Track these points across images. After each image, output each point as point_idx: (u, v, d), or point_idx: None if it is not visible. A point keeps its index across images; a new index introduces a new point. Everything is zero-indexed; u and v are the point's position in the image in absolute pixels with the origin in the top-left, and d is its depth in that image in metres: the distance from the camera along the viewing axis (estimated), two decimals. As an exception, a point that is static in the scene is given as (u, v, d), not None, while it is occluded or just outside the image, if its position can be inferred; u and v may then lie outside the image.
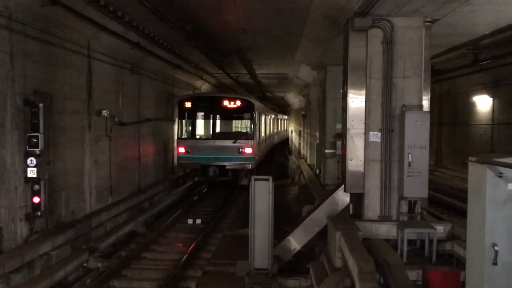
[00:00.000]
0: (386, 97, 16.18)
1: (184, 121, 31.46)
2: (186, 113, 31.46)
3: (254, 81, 45.35)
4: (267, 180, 15.96)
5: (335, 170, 28.63)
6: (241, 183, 31.52)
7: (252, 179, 15.86)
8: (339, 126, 26.96)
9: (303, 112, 50.33)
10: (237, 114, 31.91)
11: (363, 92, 16.40)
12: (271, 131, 48.96)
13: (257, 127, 32.70)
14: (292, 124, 74.59)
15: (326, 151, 29.06)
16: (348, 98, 16.50)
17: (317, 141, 33.94)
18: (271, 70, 39.50)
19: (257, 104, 33.80)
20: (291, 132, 74.51)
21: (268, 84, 50.10)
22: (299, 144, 56.86)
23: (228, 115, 32.01)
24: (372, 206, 16.32)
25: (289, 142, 72.59)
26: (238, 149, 30.63)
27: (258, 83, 47.27)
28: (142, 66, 26.69)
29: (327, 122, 28.94)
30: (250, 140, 30.96)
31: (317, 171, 33.65)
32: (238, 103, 31.46)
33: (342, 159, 17.45)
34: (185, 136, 31.28)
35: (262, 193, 15.95)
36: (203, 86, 41.66)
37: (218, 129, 32.14)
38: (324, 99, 29.64)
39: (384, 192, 16.25)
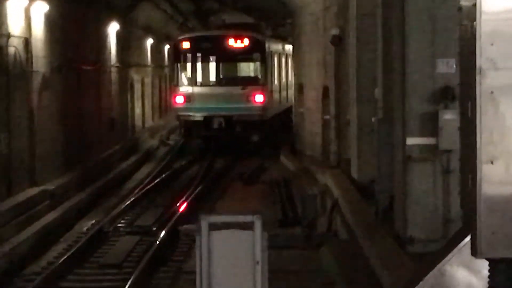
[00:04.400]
0: None
1: (180, 65, 28.78)
2: (182, 56, 28.65)
3: None
4: (248, 227, 6.43)
5: (438, 199, 10.68)
6: (251, 140, 27.88)
7: (203, 223, 6.28)
8: (442, 65, 10.43)
9: (334, 32, 19.53)
10: (244, 55, 29.04)
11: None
12: (283, 82, 34.37)
13: (269, 71, 29.38)
14: (303, 68, 27.86)
15: (409, 141, 10.65)
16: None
17: (377, 116, 13.44)
18: None
19: (268, 41, 30.03)
20: (297, 90, 30.15)
21: None
22: (324, 126, 22.57)
23: (234, 57, 29.04)
24: None
25: (294, 119, 31.70)
26: (247, 96, 27.61)
27: None
28: None
29: (408, 55, 10.56)
30: (261, 86, 28.06)
31: (382, 201, 12.66)
32: (246, 41, 28.06)
33: (461, 166, 6.15)
34: (184, 83, 28.61)
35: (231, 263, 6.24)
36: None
37: (222, 74, 29.27)
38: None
39: None
